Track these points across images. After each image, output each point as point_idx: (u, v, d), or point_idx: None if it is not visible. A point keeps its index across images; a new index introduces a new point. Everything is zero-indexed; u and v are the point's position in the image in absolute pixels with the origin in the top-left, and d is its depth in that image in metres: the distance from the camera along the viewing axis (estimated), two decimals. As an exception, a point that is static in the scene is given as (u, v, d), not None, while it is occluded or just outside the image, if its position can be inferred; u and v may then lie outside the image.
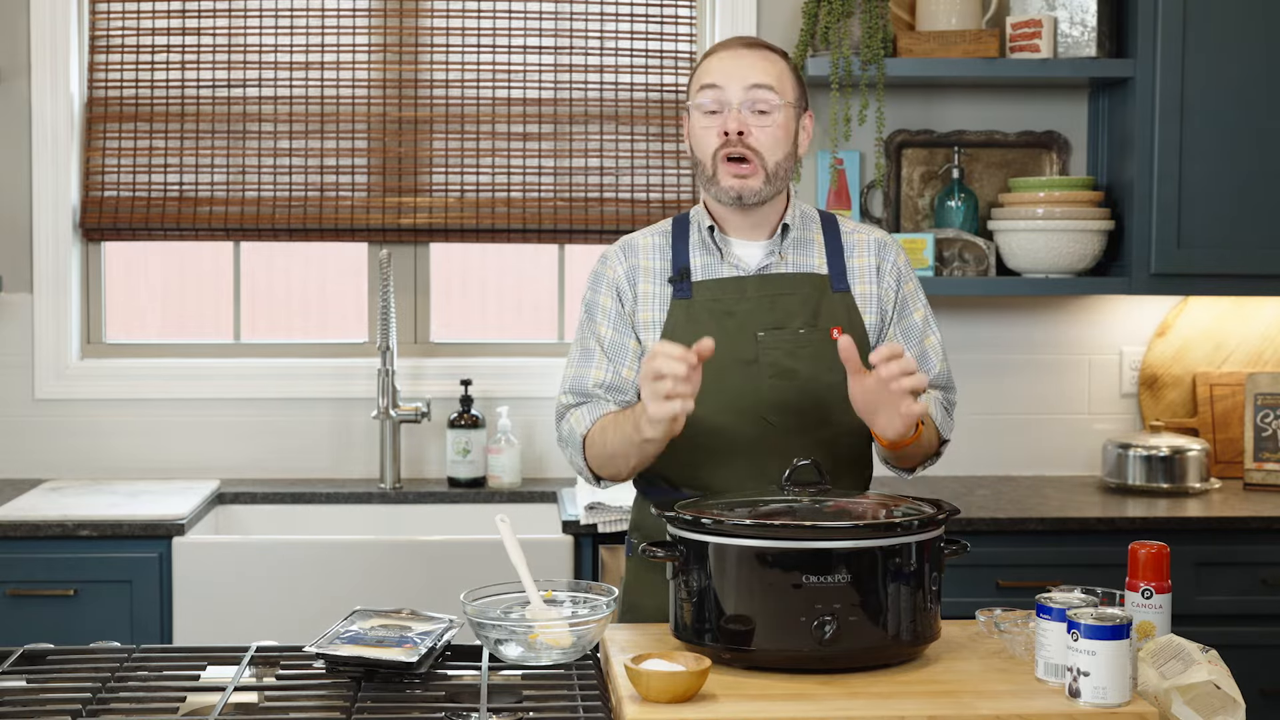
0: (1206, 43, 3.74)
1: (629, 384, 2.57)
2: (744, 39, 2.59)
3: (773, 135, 2.51)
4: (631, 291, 2.60)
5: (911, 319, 2.63)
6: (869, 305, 2.59)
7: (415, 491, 3.91)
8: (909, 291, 2.63)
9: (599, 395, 2.56)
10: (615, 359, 2.58)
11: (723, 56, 2.55)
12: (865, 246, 2.62)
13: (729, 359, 2.50)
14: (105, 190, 4.01)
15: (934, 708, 1.98)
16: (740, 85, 2.50)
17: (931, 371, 2.63)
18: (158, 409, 4.02)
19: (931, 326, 2.65)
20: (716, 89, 2.51)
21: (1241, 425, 3.99)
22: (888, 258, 2.62)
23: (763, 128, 2.50)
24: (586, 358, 2.60)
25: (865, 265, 2.61)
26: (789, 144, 2.54)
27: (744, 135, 2.49)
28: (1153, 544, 2.20)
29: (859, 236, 2.64)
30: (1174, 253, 3.78)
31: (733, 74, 2.51)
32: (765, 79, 2.51)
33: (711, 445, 2.51)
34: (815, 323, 2.54)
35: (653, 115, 4.07)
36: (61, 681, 2.12)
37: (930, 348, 2.63)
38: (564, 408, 2.61)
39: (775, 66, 2.54)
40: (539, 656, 2.17)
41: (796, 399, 2.51)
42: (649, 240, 2.64)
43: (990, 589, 3.49)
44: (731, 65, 2.52)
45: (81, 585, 3.44)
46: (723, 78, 2.52)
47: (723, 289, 2.55)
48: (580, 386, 2.58)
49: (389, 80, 4.04)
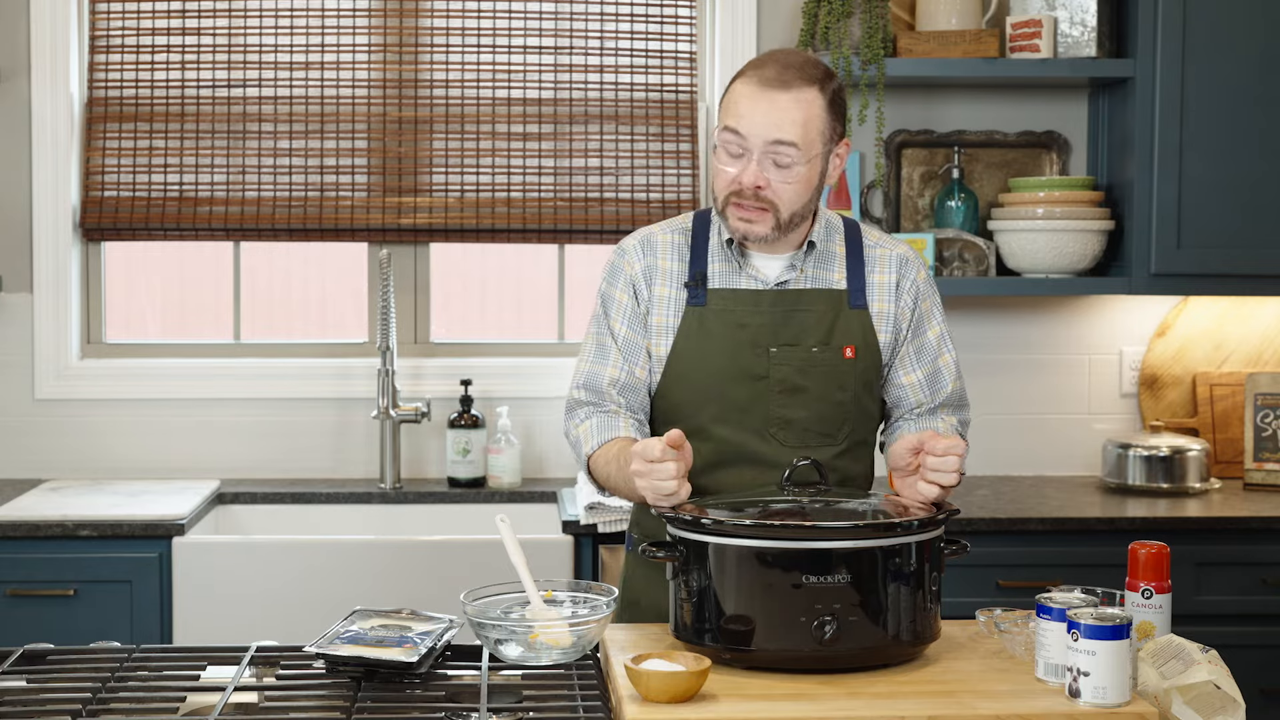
0: (1206, 43, 3.74)
1: (643, 383, 2.56)
2: (779, 69, 2.41)
3: (793, 191, 2.43)
4: (648, 291, 2.56)
5: (926, 337, 2.60)
6: (884, 324, 2.56)
7: (415, 491, 3.91)
8: (925, 310, 2.60)
9: (612, 395, 2.55)
10: (630, 357, 2.56)
11: (752, 95, 2.40)
12: (887, 262, 2.57)
13: (739, 372, 2.49)
14: (105, 190, 4.01)
15: (934, 708, 1.98)
16: (762, 139, 2.39)
17: (945, 390, 2.61)
18: (158, 409, 4.02)
19: (947, 345, 2.62)
20: (738, 136, 2.41)
21: (1241, 425, 3.99)
22: (908, 275, 2.58)
23: (784, 183, 2.42)
24: (602, 354, 2.57)
25: (885, 282, 2.56)
26: (810, 191, 2.46)
27: (761, 189, 2.42)
28: (1153, 544, 2.20)
29: (881, 251, 2.58)
30: (1174, 253, 3.78)
31: (757, 124, 2.39)
32: (789, 135, 2.38)
33: (717, 458, 2.50)
34: (829, 340, 2.51)
35: (653, 115, 4.07)
36: (61, 681, 2.12)
37: (944, 366, 2.61)
38: (576, 403, 2.59)
39: (803, 114, 2.39)
40: (539, 656, 2.17)
41: (803, 416, 2.49)
42: (669, 238, 2.58)
43: (990, 589, 3.49)
44: (758, 112, 2.39)
45: (81, 585, 3.44)
46: (746, 125, 2.39)
47: (738, 300, 2.52)
48: (594, 383, 2.57)
49: (389, 80, 4.04)
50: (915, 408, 2.61)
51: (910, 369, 2.59)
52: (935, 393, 2.60)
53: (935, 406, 2.61)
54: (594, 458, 2.53)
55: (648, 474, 2.27)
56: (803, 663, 2.11)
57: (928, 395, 2.60)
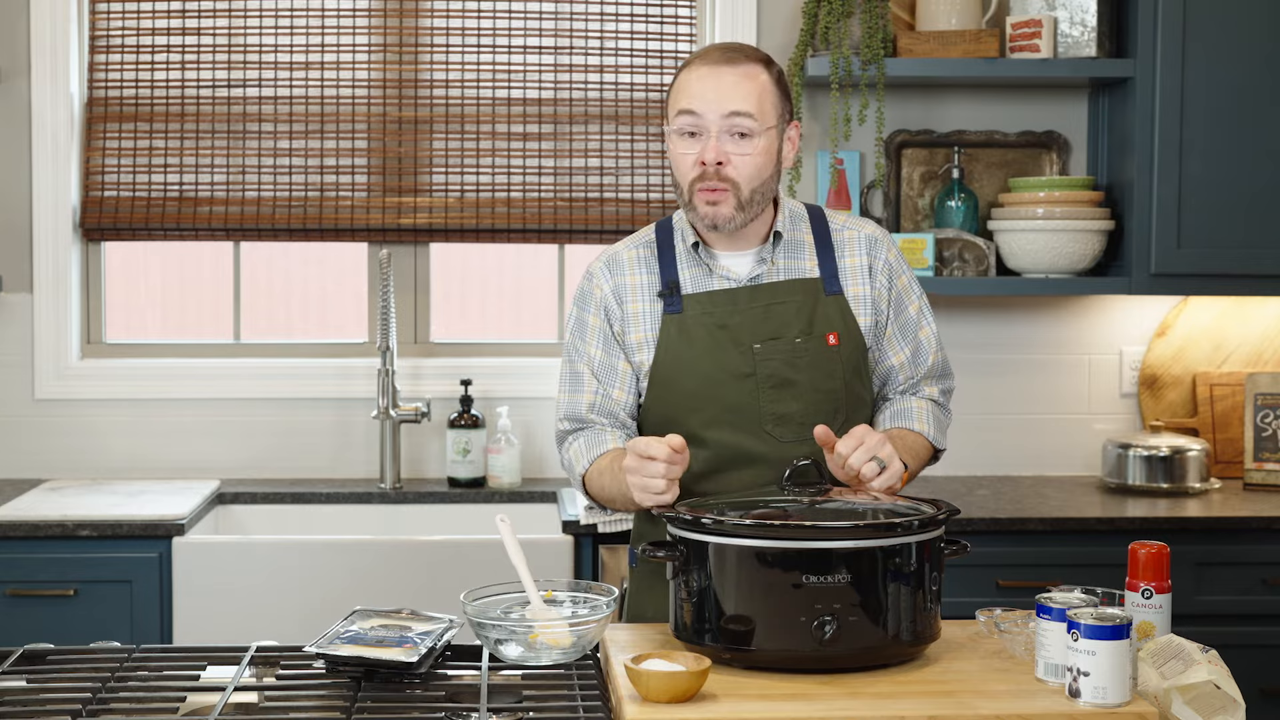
0: (1206, 43, 3.74)
1: (619, 404, 2.56)
2: (722, 50, 2.47)
3: (753, 163, 2.44)
4: (620, 310, 2.56)
5: (907, 313, 2.61)
6: (863, 308, 2.56)
7: (415, 491, 3.91)
8: (902, 286, 2.60)
9: (593, 420, 2.56)
10: (605, 380, 2.56)
11: (701, 75, 2.44)
12: (856, 244, 2.58)
13: (725, 373, 2.49)
14: (105, 190, 4.01)
15: (934, 708, 1.98)
16: (718, 113, 2.42)
17: (926, 363, 2.62)
18: (158, 409, 4.02)
19: (926, 317, 2.63)
20: (694, 115, 2.43)
21: (1241, 425, 3.99)
22: (879, 255, 2.58)
23: (742, 155, 2.43)
24: (576, 383, 2.59)
25: (857, 265, 2.57)
26: (770, 167, 2.47)
27: (722, 165, 2.42)
28: (1153, 544, 2.20)
29: (849, 234, 2.59)
30: (1174, 253, 3.78)
31: (710, 100, 2.42)
32: (744, 105, 2.42)
33: (714, 460, 2.50)
34: (811, 330, 2.51)
35: (653, 115, 4.07)
36: (61, 681, 2.12)
37: (925, 339, 2.62)
38: (562, 434, 2.61)
39: (755, 85, 2.43)
40: (539, 656, 2.17)
41: (797, 409, 2.49)
42: (633, 254, 2.59)
43: (990, 589, 3.49)
44: (710, 89, 2.42)
45: (81, 585, 3.44)
46: (700, 104, 2.43)
47: (714, 302, 2.52)
48: (575, 413, 2.58)
49: (389, 80, 4.04)
50: (902, 385, 2.63)
51: (898, 348, 2.61)
52: (918, 367, 2.62)
53: (918, 380, 2.63)
54: (588, 475, 2.54)
55: (638, 470, 2.28)
56: (803, 663, 2.10)
57: (913, 371, 2.62)
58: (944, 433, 2.65)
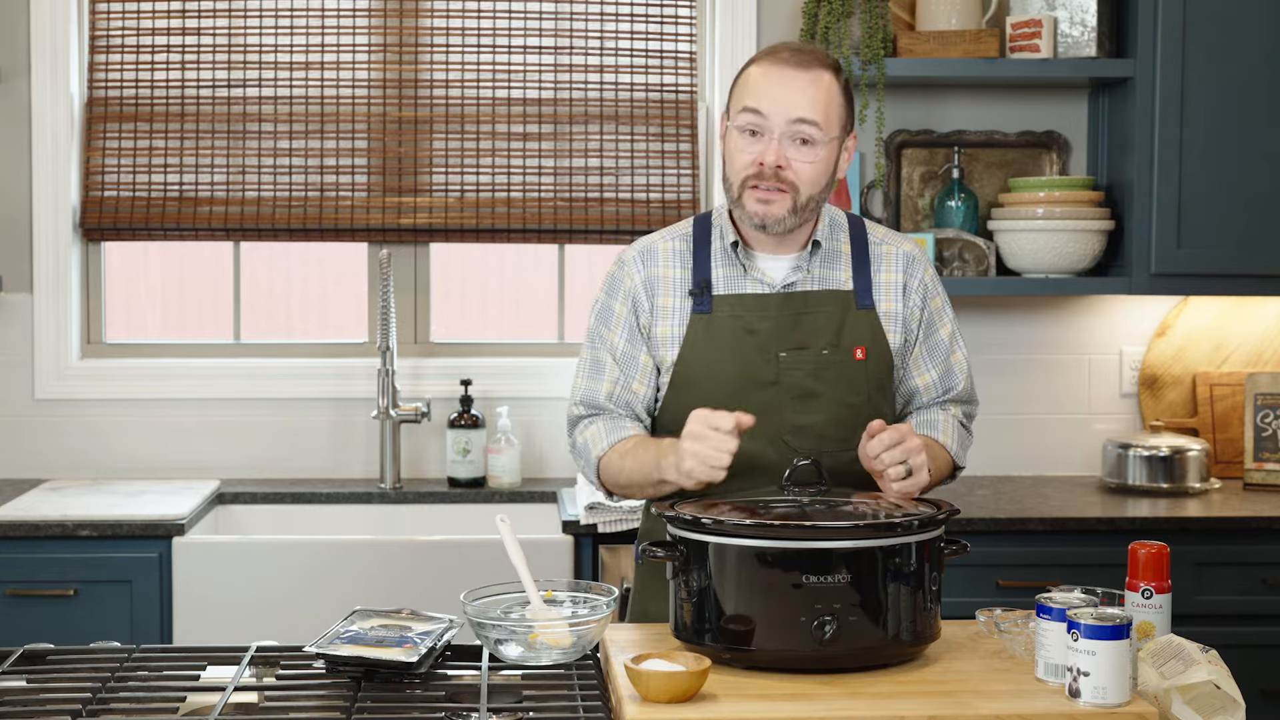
0: (1206, 43, 3.74)
1: (638, 397, 2.53)
2: (794, 51, 2.42)
3: (812, 171, 2.41)
4: (649, 303, 2.53)
5: (938, 335, 2.59)
6: (894, 325, 2.54)
7: (415, 491, 3.91)
8: (936, 308, 2.58)
9: (610, 409, 2.53)
10: (626, 370, 2.53)
11: (770, 74, 2.40)
12: (893, 260, 2.55)
13: (749, 380, 2.46)
14: (105, 190, 4.01)
15: (934, 708, 1.98)
16: (784, 117, 2.38)
17: (957, 387, 2.62)
18: (158, 409, 4.02)
19: (958, 342, 2.62)
20: (758, 115, 2.40)
21: (1241, 425, 3.99)
22: (915, 274, 2.56)
23: (803, 162, 2.40)
24: (597, 370, 2.55)
25: (892, 281, 2.55)
26: (827, 176, 2.44)
27: (782, 169, 2.40)
28: (1153, 544, 2.20)
29: (887, 249, 2.56)
30: (1174, 253, 3.78)
31: (779, 101, 2.39)
32: (811, 113, 2.38)
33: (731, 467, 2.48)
34: (839, 342, 2.48)
35: (653, 115, 4.07)
36: (61, 681, 2.12)
37: (956, 364, 2.61)
38: (576, 418, 2.58)
39: (823, 93, 2.40)
40: (539, 656, 2.17)
41: (818, 421, 2.47)
42: (669, 245, 2.56)
43: (990, 589, 3.49)
44: (779, 90, 2.39)
45: (81, 585, 3.44)
46: (768, 104, 2.39)
47: (745, 305, 2.49)
48: (592, 399, 2.55)
49: (389, 80, 4.04)
50: (926, 406, 2.62)
51: (924, 369, 2.59)
52: (947, 390, 2.61)
53: (945, 402, 2.62)
54: (606, 458, 2.51)
55: (705, 438, 2.25)
56: (803, 663, 2.10)
57: (940, 393, 2.61)
58: (965, 451, 2.64)
